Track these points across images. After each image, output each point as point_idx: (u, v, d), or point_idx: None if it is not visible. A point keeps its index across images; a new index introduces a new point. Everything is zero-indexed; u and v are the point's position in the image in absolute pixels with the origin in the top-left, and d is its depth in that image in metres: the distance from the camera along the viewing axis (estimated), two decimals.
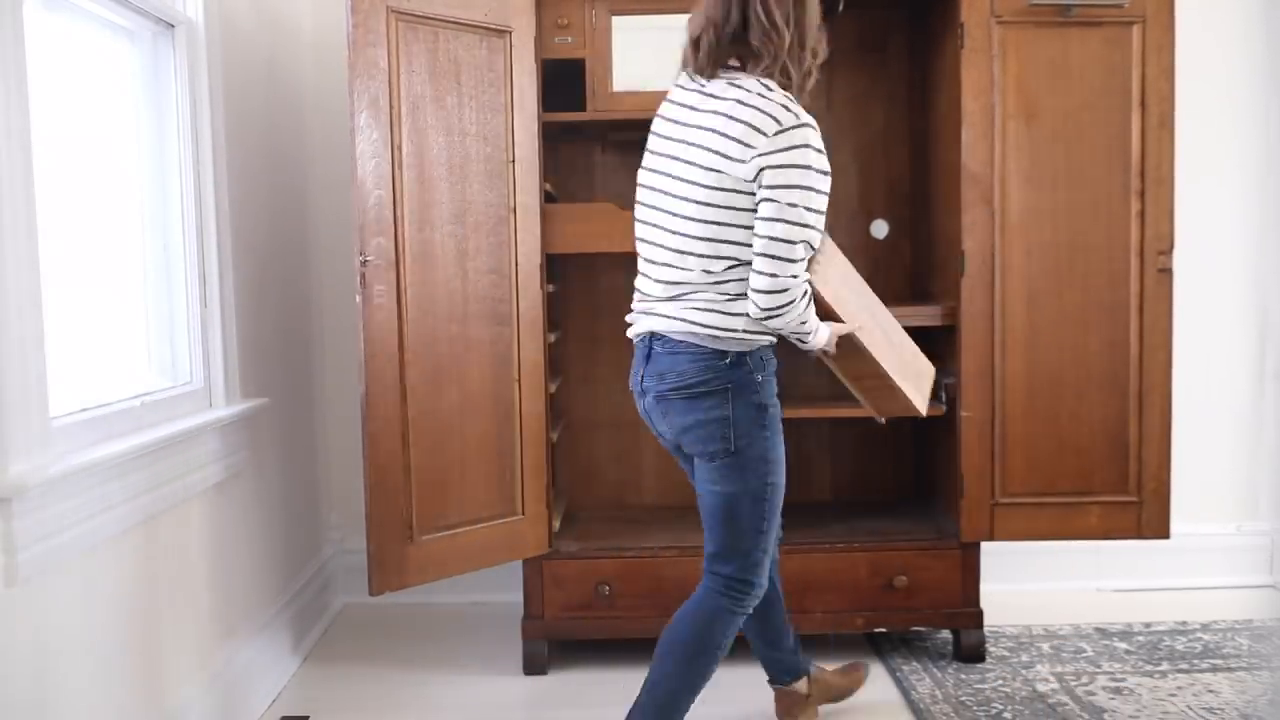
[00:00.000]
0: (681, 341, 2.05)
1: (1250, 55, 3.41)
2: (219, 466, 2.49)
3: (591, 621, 2.84)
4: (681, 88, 2.12)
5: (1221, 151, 3.42)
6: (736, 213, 1.99)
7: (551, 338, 2.87)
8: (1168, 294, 2.76)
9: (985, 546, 2.90)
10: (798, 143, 1.94)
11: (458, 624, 3.21)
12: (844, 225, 3.33)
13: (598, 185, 3.32)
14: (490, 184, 2.69)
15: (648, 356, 2.11)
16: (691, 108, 2.07)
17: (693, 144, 2.03)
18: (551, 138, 2.95)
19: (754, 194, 1.97)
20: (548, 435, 2.80)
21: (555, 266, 3.04)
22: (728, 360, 2.03)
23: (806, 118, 1.98)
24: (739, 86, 2.00)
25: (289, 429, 3.09)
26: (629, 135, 3.21)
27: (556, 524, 2.91)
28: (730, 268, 2.02)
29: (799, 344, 2.14)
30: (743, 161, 1.95)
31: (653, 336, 2.10)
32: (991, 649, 2.92)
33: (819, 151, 1.99)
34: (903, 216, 3.31)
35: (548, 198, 2.89)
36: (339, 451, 3.43)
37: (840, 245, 3.31)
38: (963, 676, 2.76)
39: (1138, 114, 2.74)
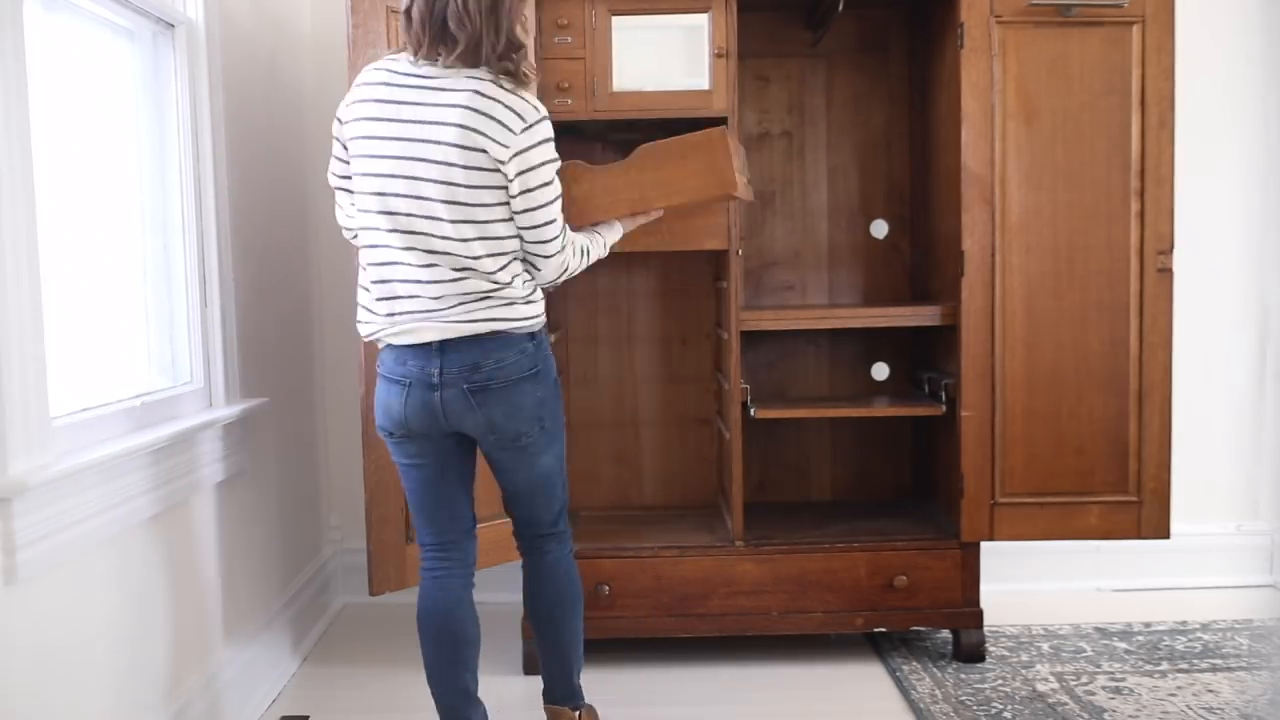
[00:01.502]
0: (491, 334, 2.04)
1: (1250, 55, 3.41)
2: (219, 466, 2.49)
3: (591, 621, 2.83)
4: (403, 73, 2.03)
5: (1221, 151, 3.42)
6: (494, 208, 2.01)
7: (552, 338, 2.86)
8: (1168, 294, 2.76)
9: (985, 546, 2.90)
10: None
11: None
12: (844, 225, 3.33)
13: None
14: None
15: (441, 349, 2.03)
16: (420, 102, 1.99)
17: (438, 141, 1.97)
18: None
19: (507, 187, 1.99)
20: None
21: None
22: (534, 342, 2.10)
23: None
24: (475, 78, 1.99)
25: (289, 429, 3.09)
26: (629, 135, 3.22)
27: None
28: (506, 265, 2.04)
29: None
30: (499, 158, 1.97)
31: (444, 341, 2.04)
32: (991, 649, 2.92)
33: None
34: (903, 216, 3.32)
35: None
36: (339, 451, 3.43)
37: (841, 245, 3.34)
38: (962, 676, 2.76)
39: (1138, 114, 2.74)
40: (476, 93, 1.96)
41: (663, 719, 2.57)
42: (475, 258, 1.99)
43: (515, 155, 1.96)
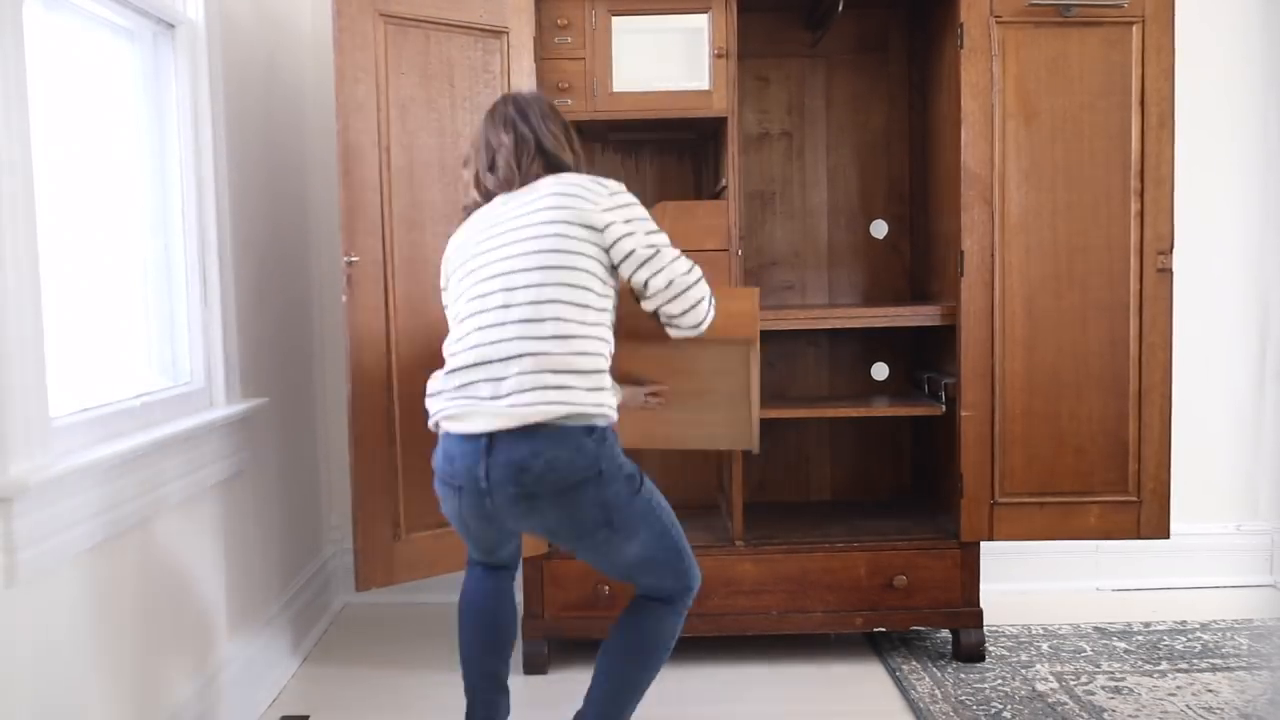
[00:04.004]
0: (543, 425, 1.91)
1: (1249, 55, 3.41)
2: (219, 466, 2.49)
3: (591, 621, 2.84)
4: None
5: (1221, 151, 3.42)
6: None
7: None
8: (1168, 294, 2.76)
9: (985, 546, 2.90)
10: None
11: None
12: (844, 225, 3.33)
13: None
14: None
15: (489, 448, 1.93)
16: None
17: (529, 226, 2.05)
18: None
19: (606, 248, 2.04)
20: None
21: None
22: (594, 437, 1.93)
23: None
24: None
25: (289, 429, 3.09)
26: (629, 135, 3.22)
27: None
28: (575, 339, 1.97)
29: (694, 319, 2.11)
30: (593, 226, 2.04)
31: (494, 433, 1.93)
32: (991, 648, 2.92)
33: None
34: (903, 216, 3.32)
35: None
36: (339, 451, 3.43)
37: (840, 245, 3.34)
38: (962, 676, 2.76)
39: (1137, 114, 2.74)
40: (558, 180, 2.08)
41: (662, 719, 2.57)
42: (545, 337, 1.94)
43: (607, 210, 2.02)
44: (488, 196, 2.17)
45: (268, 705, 2.68)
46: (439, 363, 2.09)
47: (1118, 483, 2.79)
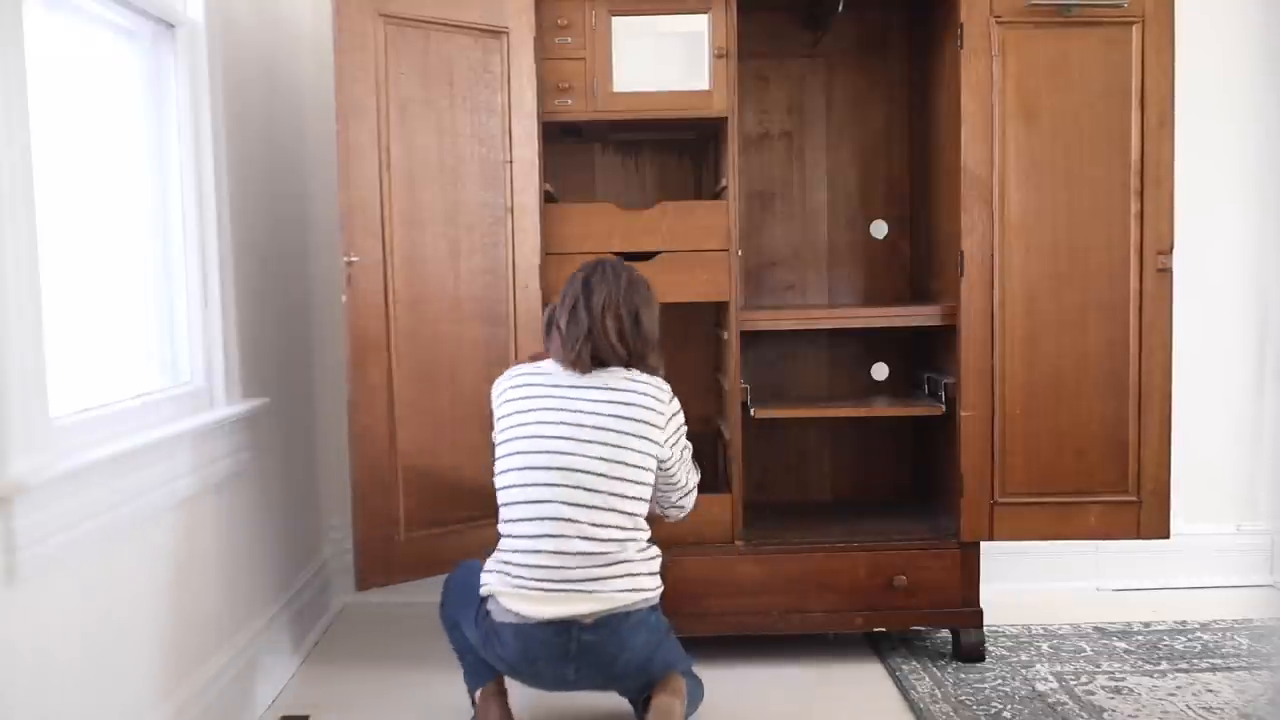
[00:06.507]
0: (622, 614, 2.20)
1: (1250, 55, 3.41)
2: (219, 466, 2.49)
3: None
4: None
5: (1221, 151, 3.42)
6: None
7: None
8: (1168, 294, 2.76)
9: (985, 546, 2.90)
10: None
11: None
12: (844, 225, 3.33)
13: (598, 185, 3.32)
14: (486, 185, 2.69)
15: (568, 647, 2.18)
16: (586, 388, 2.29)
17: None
18: (552, 138, 2.95)
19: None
20: None
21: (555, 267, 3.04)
22: (656, 614, 2.28)
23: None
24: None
25: (289, 429, 3.09)
26: (629, 135, 3.22)
27: None
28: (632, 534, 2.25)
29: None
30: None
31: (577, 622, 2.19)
32: (991, 648, 2.92)
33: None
34: (903, 216, 3.32)
35: (548, 198, 2.89)
36: (339, 451, 3.43)
37: (840, 245, 3.34)
38: (962, 676, 2.76)
39: (1137, 114, 2.74)
40: (630, 379, 2.28)
41: None
42: (607, 526, 2.20)
43: (669, 419, 2.30)
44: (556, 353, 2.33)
45: (268, 705, 2.68)
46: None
47: (1118, 483, 2.79)
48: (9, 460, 1.65)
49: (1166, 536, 2.82)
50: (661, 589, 2.28)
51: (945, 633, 3.00)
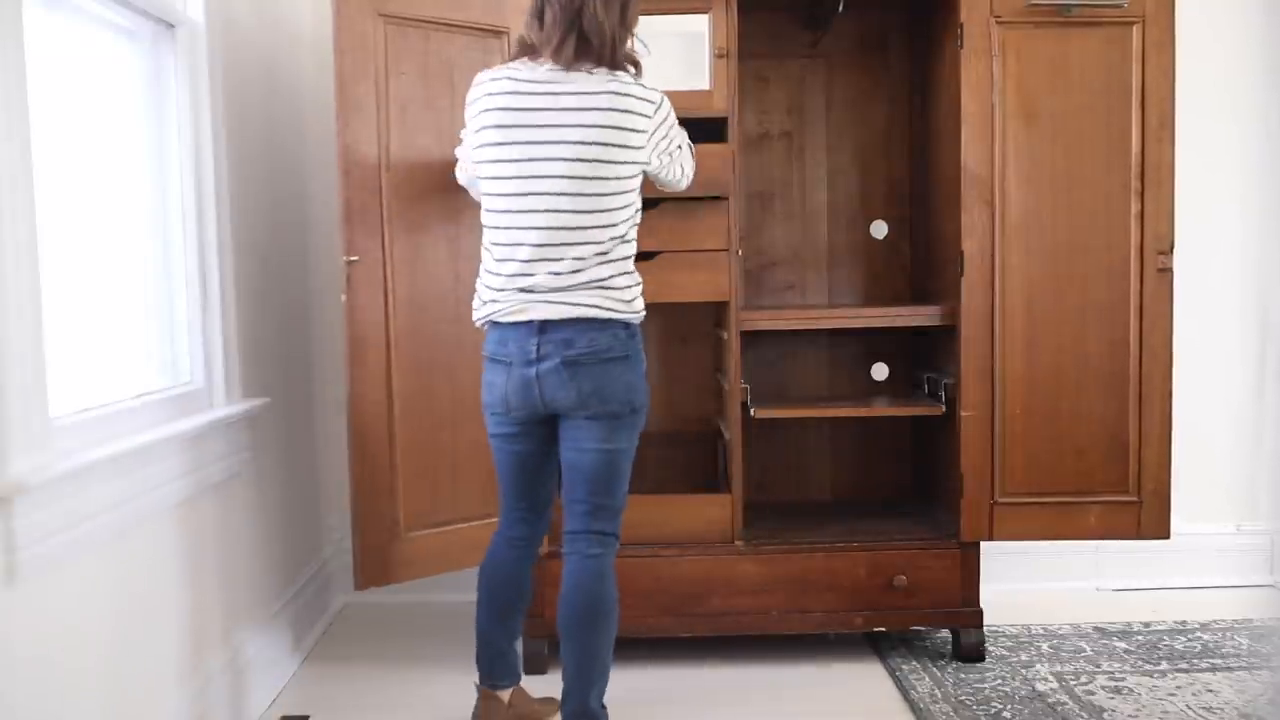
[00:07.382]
0: (588, 319, 2.21)
1: (1250, 55, 3.41)
2: (219, 466, 2.49)
3: None
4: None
5: (1222, 151, 3.42)
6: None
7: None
8: (1168, 294, 2.76)
9: (985, 546, 2.90)
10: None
11: (458, 623, 3.20)
12: (844, 225, 3.33)
13: None
14: None
15: (541, 329, 2.21)
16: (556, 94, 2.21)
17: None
18: None
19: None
20: None
21: None
22: (628, 331, 2.27)
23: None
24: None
25: (289, 428, 3.09)
26: None
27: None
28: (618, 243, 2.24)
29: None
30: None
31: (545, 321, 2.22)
32: (991, 648, 2.92)
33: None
34: (903, 216, 3.32)
35: None
36: (339, 451, 3.43)
37: (841, 245, 3.34)
38: (962, 676, 2.76)
39: (1137, 114, 2.74)
40: (613, 93, 2.17)
41: (662, 719, 2.58)
42: (591, 242, 2.19)
43: (652, 133, 2.22)
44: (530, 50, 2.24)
45: (268, 705, 2.68)
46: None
47: (1118, 483, 2.79)
48: (9, 460, 1.65)
49: (1166, 536, 2.82)
50: (641, 315, 2.28)
51: (945, 633, 3.00)
